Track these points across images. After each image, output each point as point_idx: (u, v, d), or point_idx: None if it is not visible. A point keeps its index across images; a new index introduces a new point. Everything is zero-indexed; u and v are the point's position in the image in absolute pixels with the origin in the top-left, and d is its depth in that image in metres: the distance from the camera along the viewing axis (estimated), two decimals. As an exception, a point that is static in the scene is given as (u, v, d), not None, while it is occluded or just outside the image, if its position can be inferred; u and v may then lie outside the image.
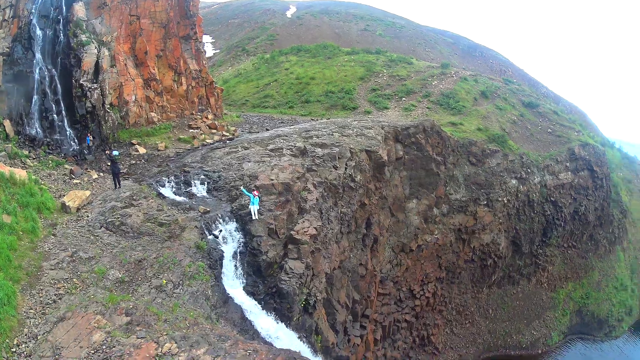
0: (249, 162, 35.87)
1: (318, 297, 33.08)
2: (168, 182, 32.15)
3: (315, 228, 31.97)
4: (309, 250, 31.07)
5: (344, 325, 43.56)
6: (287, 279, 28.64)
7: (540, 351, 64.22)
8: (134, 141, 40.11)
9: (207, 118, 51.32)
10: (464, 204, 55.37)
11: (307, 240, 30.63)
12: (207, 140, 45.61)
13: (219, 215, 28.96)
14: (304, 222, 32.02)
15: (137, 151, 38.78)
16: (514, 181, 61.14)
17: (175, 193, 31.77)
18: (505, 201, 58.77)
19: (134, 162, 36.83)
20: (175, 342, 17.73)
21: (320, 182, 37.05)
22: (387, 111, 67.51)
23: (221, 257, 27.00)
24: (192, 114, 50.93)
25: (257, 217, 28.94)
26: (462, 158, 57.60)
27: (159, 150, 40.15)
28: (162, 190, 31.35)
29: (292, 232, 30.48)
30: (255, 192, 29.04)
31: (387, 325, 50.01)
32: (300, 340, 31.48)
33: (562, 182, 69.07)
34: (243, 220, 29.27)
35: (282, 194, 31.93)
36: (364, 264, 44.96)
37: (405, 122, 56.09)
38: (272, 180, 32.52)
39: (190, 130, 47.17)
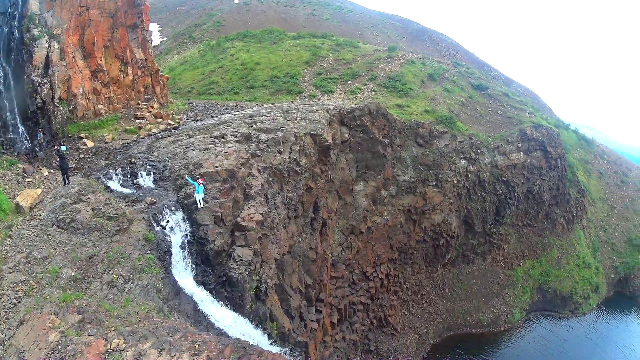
0: (193, 150, 36.19)
1: (269, 284, 33.41)
2: (115, 174, 32.42)
3: (261, 214, 32.38)
4: (256, 237, 31.41)
5: (299, 311, 44.05)
6: (236, 266, 28.95)
7: (502, 328, 65.49)
8: (82, 135, 40.13)
9: (152, 107, 51.25)
10: (412, 185, 56.78)
11: (253, 226, 30.99)
12: (153, 130, 45.60)
13: (166, 205, 29.18)
14: (249, 208, 32.43)
15: (85, 145, 38.78)
16: (463, 162, 62.90)
17: (122, 185, 32.09)
18: (455, 181, 60.54)
19: (82, 156, 36.84)
20: (124, 338, 18.27)
21: (265, 168, 37.48)
22: (332, 95, 68.14)
23: (169, 248, 27.24)
24: (138, 103, 50.95)
25: (202, 205, 29.24)
26: (409, 140, 59.06)
27: (106, 143, 40.10)
28: (110, 183, 31.62)
29: (238, 219, 30.75)
30: (200, 180, 29.33)
31: (343, 308, 50.77)
32: (257, 328, 31.65)
33: (514, 162, 71.17)
34: (189, 209, 29.54)
35: (226, 180, 32.27)
36: (314, 248, 45.67)
37: (350, 105, 57.05)
38: (217, 167, 32.84)
39: (137, 121, 47.07)
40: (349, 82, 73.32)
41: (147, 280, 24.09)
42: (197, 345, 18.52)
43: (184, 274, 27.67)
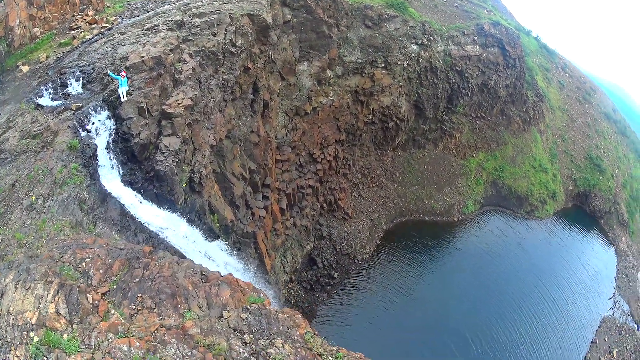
0: (123, 46, 33.17)
1: (203, 173, 31.22)
2: (46, 90, 29.95)
3: (190, 98, 29.71)
4: (185, 123, 28.95)
5: (244, 199, 41.91)
6: (163, 158, 26.74)
7: (456, 219, 65.58)
8: (19, 63, 37.85)
9: (87, 15, 48.43)
10: (359, 66, 53.84)
11: (181, 112, 28.41)
12: (87, 37, 43.14)
13: (91, 107, 26.71)
14: (178, 94, 29.75)
15: (22, 71, 36.60)
16: (414, 47, 59.94)
17: (52, 99, 29.63)
18: (405, 65, 57.87)
19: (17, 83, 34.40)
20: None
21: (198, 51, 34.58)
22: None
23: (95, 152, 25.15)
24: (73, 16, 48.17)
25: (125, 98, 26.68)
26: (356, 21, 55.54)
27: (41, 63, 37.64)
28: (41, 101, 29.16)
29: (164, 107, 28.09)
30: (123, 73, 26.66)
31: (291, 192, 48.96)
32: (191, 225, 30.12)
33: (469, 54, 68.66)
34: (114, 106, 27.01)
35: (153, 69, 29.31)
36: (256, 131, 43.09)
37: (292, -15, 53.40)
38: (143, 57, 29.68)
39: (71, 32, 44.58)
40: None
41: (67, 193, 22.57)
42: (84, 263, 17.44)
43: (110, 176, 25.75)
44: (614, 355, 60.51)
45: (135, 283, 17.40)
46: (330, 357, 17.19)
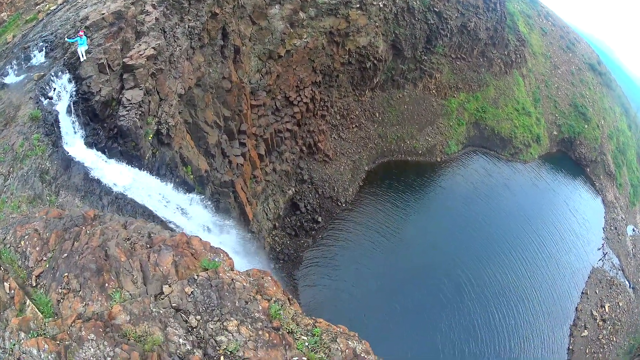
0: (85, 8, 31.22)
1: (171, 123, 30.00)
2: (11, 68, 28.08)
3: (153, 48, 28.24)
4: (148, 74, 27.50)
5: (220, 147, 40.92)
6: (126, 112, 25.41)
7: (439, 159, 65.24)
8: None
9: None
10: (333, 7, 51.92)
11: (143, 63, 27.00)
12: (52, 8, 41.59)
13: (52, 73, 25.16)
14: (140, 45, 28.26)
15: None
16: (389, -15, 58.66)
17: (17, 75, 27.84)
18: (381, 5, 56.19)
19: None
20: None
21: (161, 1, 32.61)
22: None
23: (57, 118, 23.72)
24: None
25: (85, 57, 25.20)
26: (327, -39, 54.11)
27: (7, 43, 35.34)
28: (6, 80, 27.42)
29: (125, 59, 26.64)
30: (80, 33, 25.07)
31: (269, 137, 48.12)
32: (162, 180, 28.92)
33: (442, -5, 67.36)
34: (74, 67, 25.44)
35: (113, 24, 27.67)
36: (228, 77, 41.70)
37: None
38: (103, 13, 28.01)
39: (37, 7, 42.86)
40: None
41: (28, 167, 21.24)
42: (22, 242, 15.64)
43: (73, 141, 24.32)
44: (606, 309, 60.54)
45: (63, 259, 14.95)
46: (304, 336, 14.33)
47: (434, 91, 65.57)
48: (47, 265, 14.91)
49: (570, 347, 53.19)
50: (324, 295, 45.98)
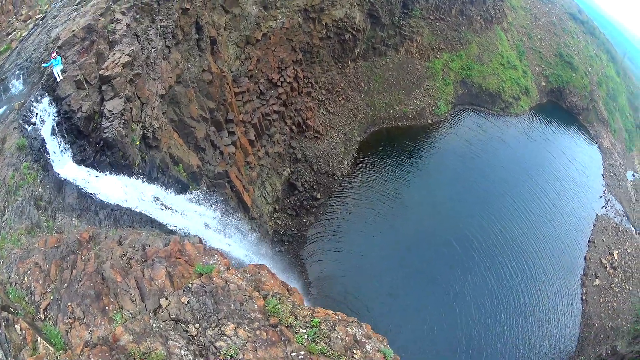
0: (56, 28, 30.79)
1: (156, 125, 29.65)
2: None
3: (128, 55, 27.82)
4: (126, 81, 27.13)
5: (209, 140, 40.65)
6: (109, 124, 25.00)
7: (430, 121, 64.95)
8: None
9: (21, 15, 46.12)
10: (304, -17, 51.90)
11: (119, 71, 26.55)
12: (24, 34, 41.11)
13: (32, 99, 24.63)
14: (114, 54, 27.74)
15: None
16: (359, -46, 57.54)
17: None
18: (353, -26, 55.69)
19: None
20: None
21: (130, 7, 31.96)
22: None
23: (43, 142, 23.29)
24: (9, 21, 45.61)
25: (61, 77, 24.71)
26: (293, -63, 53.04)
27: None
28: None
29: (101, 72, 26.12)
30: (54, 54, 24.66)
31: (257, 122, 47.82)
32: (153, 183, 28.69)
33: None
34: (52, 89, 24.91)
35: (85, 39, 27.10)
36: (207, 69, 41.30)
37: None
38: (73, 30, 27.47)
39: (9, 37, 42.41)
40: None
41: (22, 197, 21.00)
42: (26, 278, 15.86)
43: (62, 161, 23.97)
44: (615, 257, 60.44)
45: (65, 289, 15.03)
46: (303, 328, 14.19)
47: (416, 54, 64.87)
48: (52, 297, 15.02)
49: (584, 297, 53.34)
50: (331, 269, 46.03)
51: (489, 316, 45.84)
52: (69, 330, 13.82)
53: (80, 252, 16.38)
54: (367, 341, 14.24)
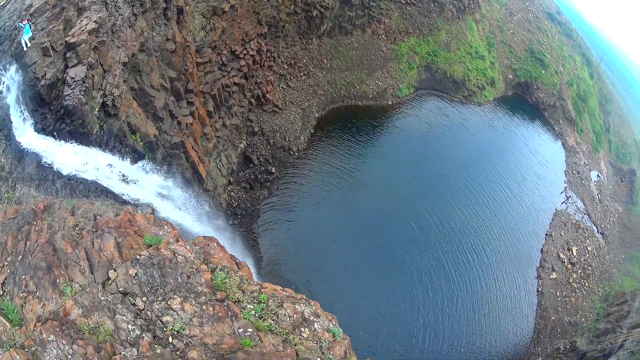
0: None
1: (116, 93, 29.42)
2: None
3: (95, 21, 27.35)
4: (90, 48, 26.71)
5: (168, 109, 40.48)
6: (70, 91, 24.72)
7: (390, 102, 65.84)
8: None
9: None
10: (275, -44, 51.16)
11: (85, 38, 26.11)
12: (1, 4, 39.10)
13: (1, 67, 24.05)
14: (82, 21, 27.27)
15: None
16: None
17: None
18: (325, -50, 55.08)
19: None
20: None
21: None
22: None
23: (7, 111, 22.95)
24: None
25: (29, 44, 24.22)
26: None
27: None
28: None
29: (67, 38, 25.67)
30: (24, 21, 24.08)
31: (217, 93, 47.83)
32: (109, 152, 28.47)
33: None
34: (21, 56, 24.35)
35: (56, 5, 26.60)
36: (172, 39, 40.88)
37: None
38: None
39: None
40: None
41: None
42: None
43: (24, 130, 23.62)
44: (574, 252, 61.60)
45: (19, 262, 14.69)
46: (250, 304, 13.82)
47: (383, 36, 65.25)
48: (8, 270, 14.69)
49: (540, 289, 54.70)
50: (284, 242, 46.70)
51: (446, 299, 46.77)
52: (23, 304, 13.62)
53: (35, 223, 16.12)
54: (315, 319, 14.07)
